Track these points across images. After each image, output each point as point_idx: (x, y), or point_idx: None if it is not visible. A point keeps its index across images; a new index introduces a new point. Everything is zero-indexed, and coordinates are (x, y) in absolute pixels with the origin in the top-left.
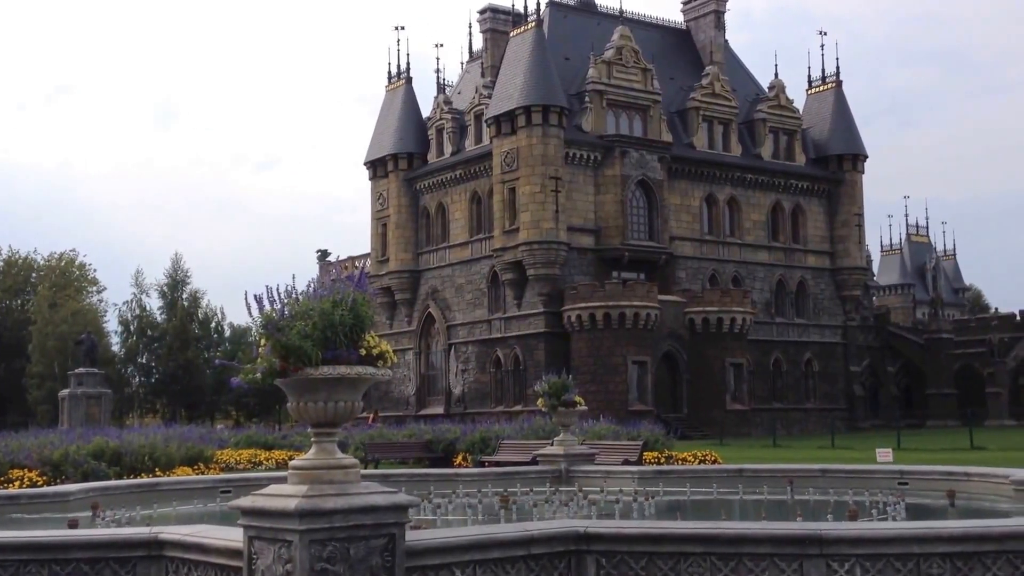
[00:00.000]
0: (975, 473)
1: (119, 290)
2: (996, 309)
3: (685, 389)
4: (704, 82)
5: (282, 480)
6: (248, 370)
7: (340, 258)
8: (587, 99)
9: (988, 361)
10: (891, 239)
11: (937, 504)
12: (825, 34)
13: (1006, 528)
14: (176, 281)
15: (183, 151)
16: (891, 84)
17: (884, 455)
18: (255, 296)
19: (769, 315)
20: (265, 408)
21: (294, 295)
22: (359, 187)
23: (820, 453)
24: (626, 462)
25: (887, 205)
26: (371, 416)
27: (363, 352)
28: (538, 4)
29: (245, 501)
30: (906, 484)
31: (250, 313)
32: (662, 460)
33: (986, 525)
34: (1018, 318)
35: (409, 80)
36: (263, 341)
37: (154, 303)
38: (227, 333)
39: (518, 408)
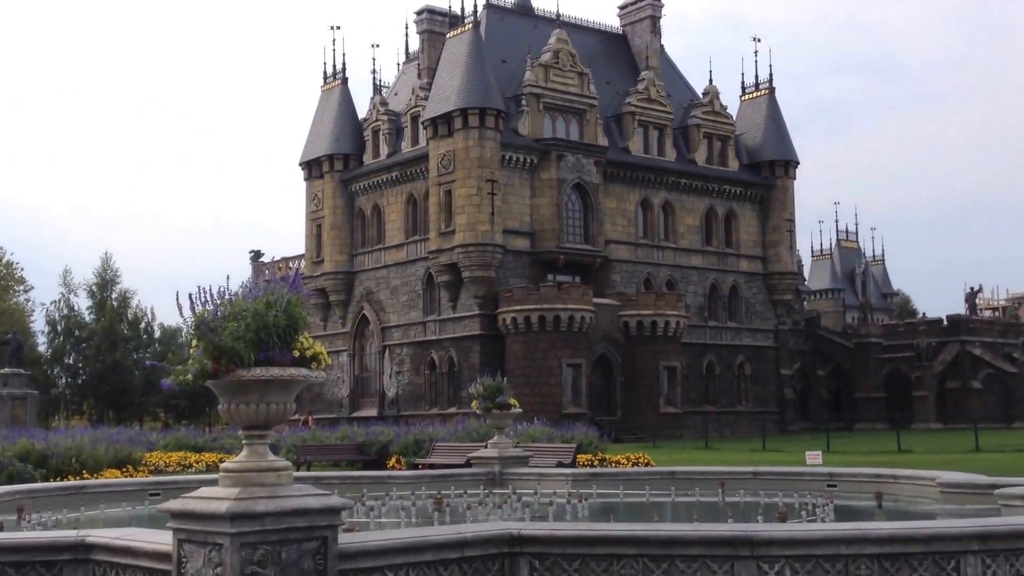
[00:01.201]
0: (902, 475)
1: (47, 289)
2: (923, 314)
3: (619, 392)
4: (640, 87)
5: (213, 483)
6: (179, 371)
7: (274, 259)
8: (524, 102)
9: (915, 365)
10: (822, 244)
11: (865, 506)
12: (759, 41)
13: (932, 530)
14: (105, 281)
15: (113, 149)
16: (822, 91)
17: (814, 457)
18: (188, 296)
19: (702, 319)
20: (196, 410)
21: (227, 296)
22: (294, 188)
23: (751, 455)
24: (560, 464)
25: (818, 211)
26: (306, 418)
27: (297, 354)
28: (475, 6)
29: (175, 504)
30: (835, 486)
31: (181, 314)
32: (596, 462)
33: (913, 527)
34: (945, 323)
35: (345, 80)
36: (195, 342)
37: (82, 303)
38: (157, 334)
39: (452, 410)
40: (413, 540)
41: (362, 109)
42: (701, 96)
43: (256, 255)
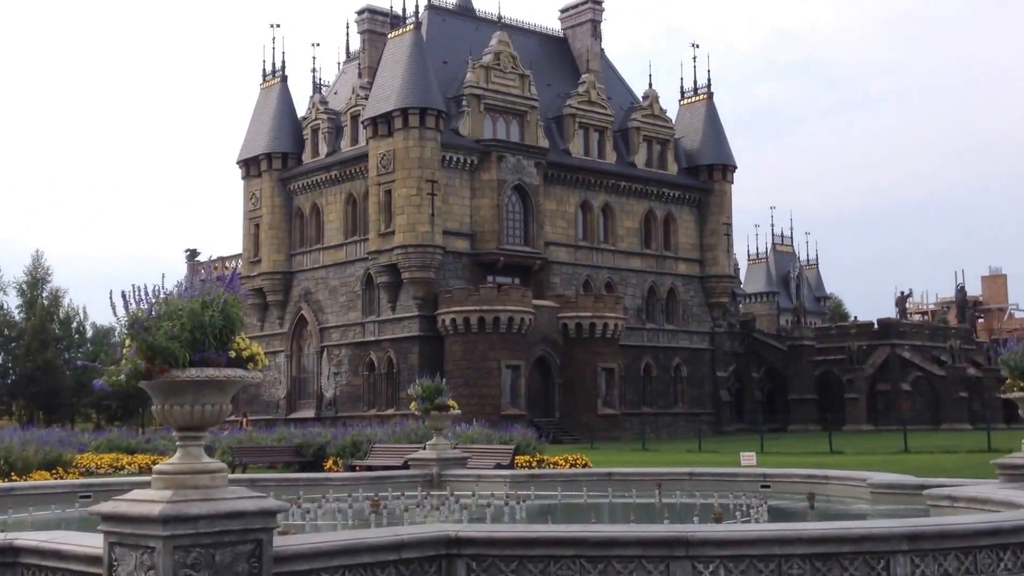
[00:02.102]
0: (834, 476)
1: None
2: (855, 318)
3: (558, 393)
4: (580, 90)
5: (145, 485)
6: (112, 372)
7: (211, 258)
8: (464, 103)
9: (847, 368)
10: (757, 248)
11: (798, 506)
12: (697, 47)
13: (863, 530)
14: (36, 279)
15: (46, 145)
16: (760, 96)
17: (748, 459)
18: (122, 294)
19: (640, 321)
20: (128, 411)
21: (162, 295)
22: (231, 186)
23: (687, 457)
24: (498, 466)
25: (754, 215)
26: (242, 419)
27: (233, 354)
28: (416, 6)
29: (106, 506)
30: (769, 487)
31: (115, 312)
32: (534, 464)
33: (844, 527)
34: (876, 327)
35: (284, 79)
36: (128, 342)
37: (12, 301)
38: (90, 333)
39: (391, 412)
40: (349, 542)
41: (301, 108)
42: (641, 100)
43: (192, 254)
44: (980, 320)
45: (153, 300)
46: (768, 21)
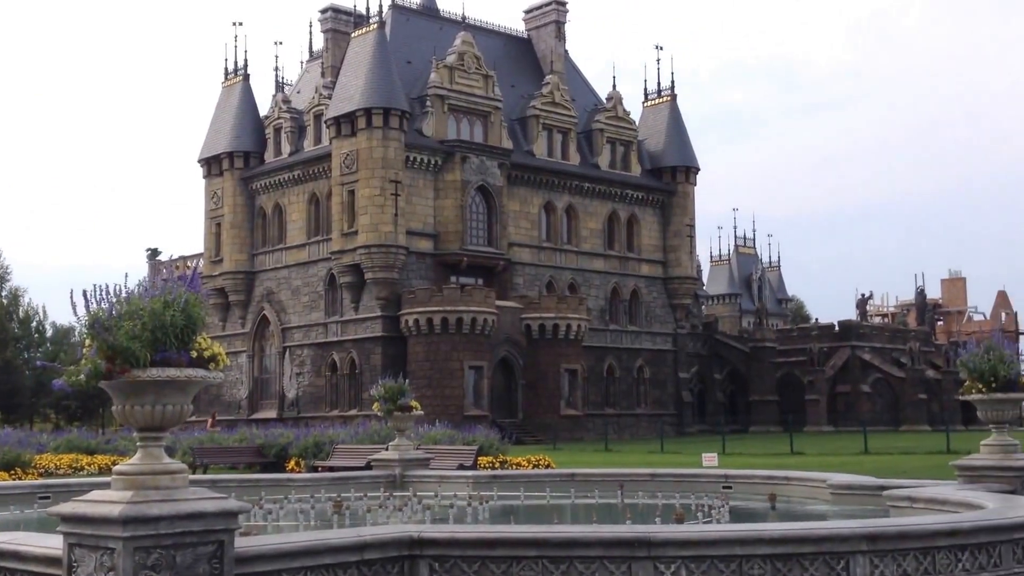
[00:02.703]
0: (795, 477)
1: None
2: (816, 319)
3: (521, 394)
4: (544, 91)
5: (105, 486)
6: (72, 371)
7: (172, 258)
8: (428, 103)
9: (808, 369)
10: (720, 250)
11: (759, 507)
12: (661, 49)
13: (823, 531)
14: None
15: (4, 142)
16: (723, 99)
17: (710, 459)
18: (82, 294)
19: (604, 322)
20: (88, 411)
21: (123, 294)
22: (193, 185)
23: (650, 458)
24: (461, 467)
25: (717, 217)
26: (210, 420)
27: (194, 354)
28: (380, 6)
29: (66, 507)
30: (730, 488)
31: (75, 312)
32: (497, 465)
33: (804, 528)
34: (836, 329)
35: (247, 77)
36: (88, 341)
37: None
38: (49, 333)
39: (354, 412)
40: (311, 543)
41: (264, 107)
42: (605, 101)
43: (153, 253)
44: (939, 323)
45: (114, 299)
46: (732, 23)
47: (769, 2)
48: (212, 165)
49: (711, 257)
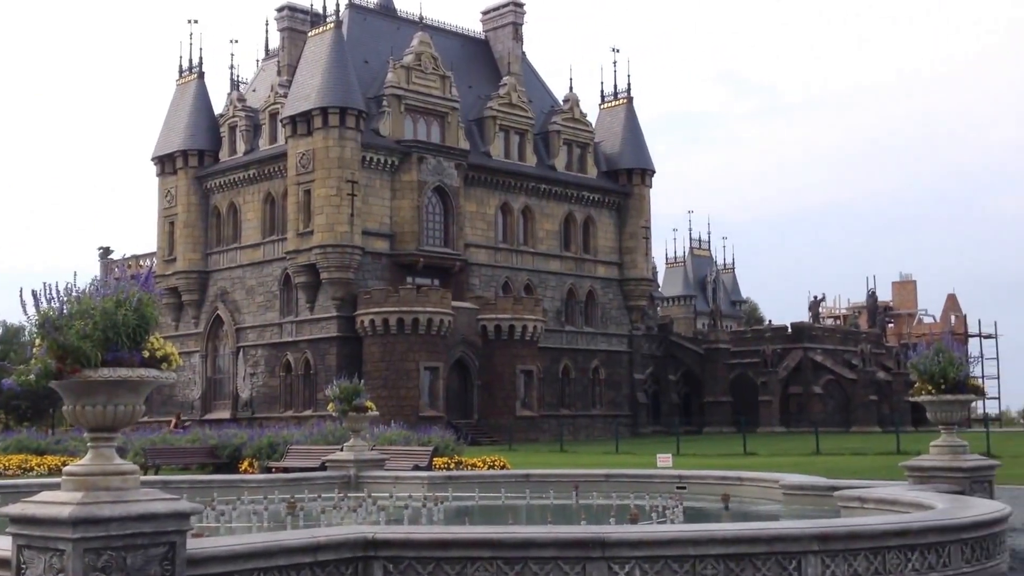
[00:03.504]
0: (748, 478)
1: None
2: (770, 321)
3: (476, 395)
4: (501, 92)
5: (55, 487)
6: (21, 371)
7: (124, 256)
8: (385, 103)
9: (761, 371)
10: (676, 252)
11: (713, 507)
12: (618, 52)
13: (775, 531)
14: None
15: None
16: (679, 102)
17: (664, 460)
18: (32, 292)
19: (559, 323)
20: (38, 412)
21: (74, 293)
22: (146, 183)
23: (605, 458)
24: (416, 468)
25: (672, 219)
26: (174, 420)
27: (147, 354)
28: (337, 5)
29: (14, 508)
30: (684, 488)
31: (25, 311)
32: (452, 465)
33: (757, 528)
34: (789, 331)
35: (201, 75)
36: (39, 341)
37: None
38: None
39: (308, 413)
40: (264, 545)
41: (219, 105)
42: (561, 103)
43: (105, 252)
44: (890, 325)
45: (65, 298)
46: (689, 27)
47: (726, 7)
48: (166, 163)
49: (666, 259)
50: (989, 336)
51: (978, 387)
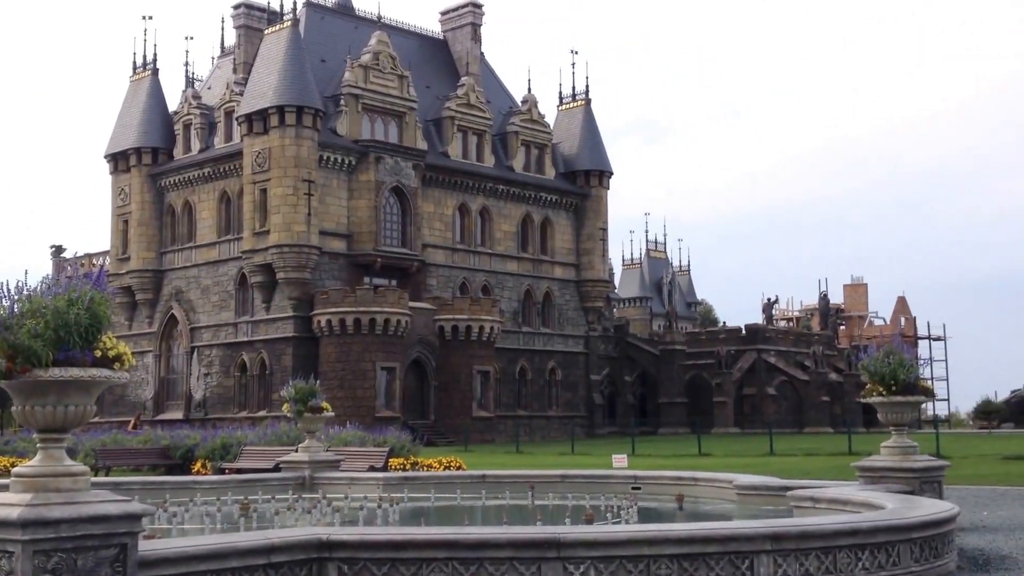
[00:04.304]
0: (702, 478)
1: None
2: (724, 323)
3: (433, 396)
4: (460, 92)
5: (4, 488)
6: None
7: (77, 255)
8: (342, 102)
9: (716, 372)
10: (632, 254)
11: (667, 507)
12: (576, 53)
13: (728, 531)
14: None
15: None
16: (637, 104)
17: (619, 461)
18: None
19: (516, 324)
20: None
21: (25, 292)
22: (99, 181)
23: (560, 459)
24: (372, 468)
25: (629, 221)
26: (134, 420)
27: (99, 353)
28: (294, 3)
29: None
30: (639, 488)
31: None
32: (408, 466)
33: (710, 528)
34: (743, 332)
35: (156, 72)
36: None
37: None
38: None
39: (263, 414)
40: (217, 547)
41: (173, 102)
42: (520, 104)
43: (58, 250)
44: (842, 327)
45: (16, 297)
46: (648, 30)
47: (684, 10)
48: (119, 161)
49: (623, 261)
50: (938, 338)
51: (928, 389)
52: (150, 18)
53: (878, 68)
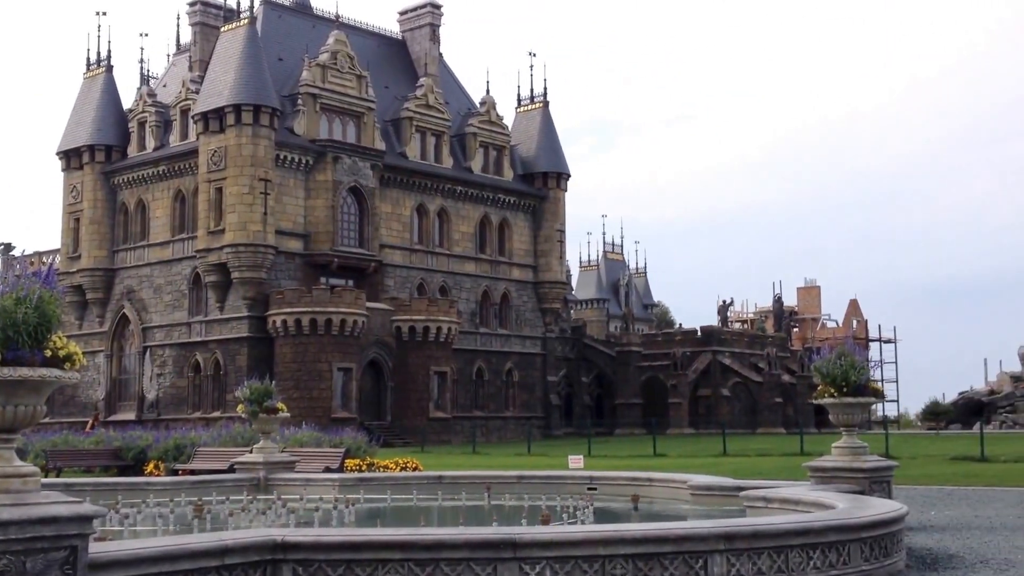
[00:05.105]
0: (657, 479)
1: None
2: (680, 325)
3: (389, 397)
4: (418, 93)
5: None
6: None
7: (25, 253)
8: (300, 102)
9: (671, 373)
10: (589, 256)
11: (623, 508)
12: (534, 56)
13: (682, 531)
14: None
15: None
16: (595, 106)
17: (575, 462)
18: None
19: (474, 325)
20: None
21: None
22: (51, 178)
23: (517, 460)
24: (327, 469)
25: (587, 223)
26: (92, 420)
27: (49, 353)
28: (251, 1)
29: None
30: (595, 489)
31: None
32: (364, 467)
33: (665, 528)
34: (699, 334)
35: (110, 69)
36: None
37: None
38: None
39: (217, 415)
40: (169, 549)
41: (128, 100)
42: (478, 106)
43: (6, 248)
44: (795, 329)
45: None
46: (606, 34)
47: (641, 13)
48: (72, 158)
49: (580, 262)
50: (889, 341)
51: (878, 390)
52: (104, 14)
53: (831, 70)
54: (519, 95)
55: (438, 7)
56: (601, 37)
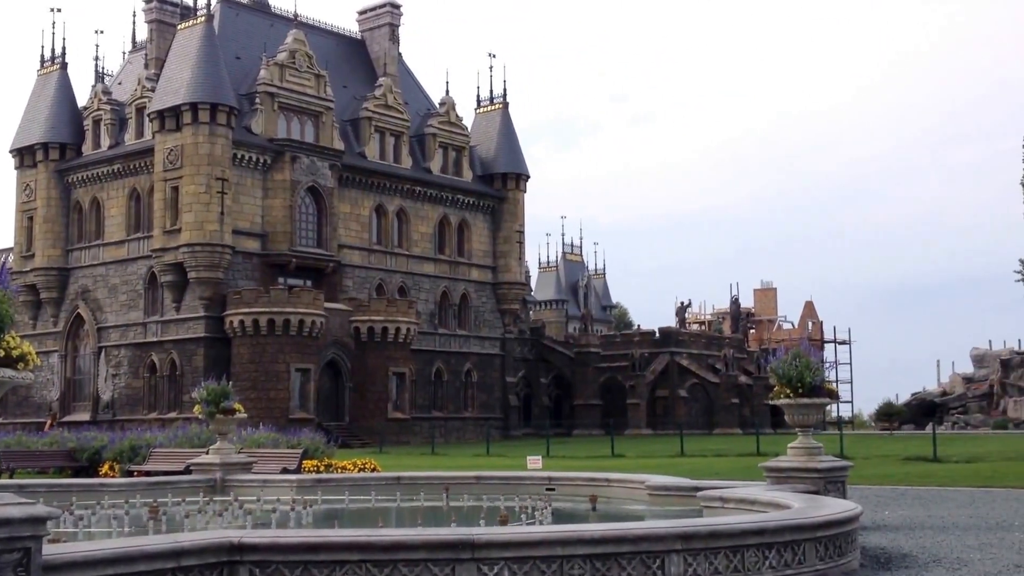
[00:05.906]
0: (615, 479)
1: None
2: (639, 326)
3: (348, 397)
4: (377, 93)
5: None
6: None
7: None
8: (258, 100)
9: (630, 374)
10: (548, 256)
11: (581, 508)
12: (494, 57)
13: (640, 531)
14: None
15: None
16: (554, 107)
17: (534, 462)
18: None
19: (433, 326)
20: None
21: None
22: (3, 176)
23: (476, 461)
24: (285, 471)
25: (546, 224)
26: (50, 420)
27: (1, 353)
28: None
29: None
30: (553, 490)
31: None
32: (322, 468)
33: (622, 528)
34: (657, 335)
35: (64, 66)
36: None
37: None
38: None
39: (173, 415)
40: (124, 550)
41: (83, 97)
42: (438, 106)
43: None
44: (752, 330)
45: None
46: (566, 35)
47: (602, 17)
48: (25, 156)
49: (539, 263)
50: (844, 342)
51: (833, 391)
52: (59, 10)
53: (787, 72)
54: (479, 96)
55: (397, 7)
56: (561, 38)
